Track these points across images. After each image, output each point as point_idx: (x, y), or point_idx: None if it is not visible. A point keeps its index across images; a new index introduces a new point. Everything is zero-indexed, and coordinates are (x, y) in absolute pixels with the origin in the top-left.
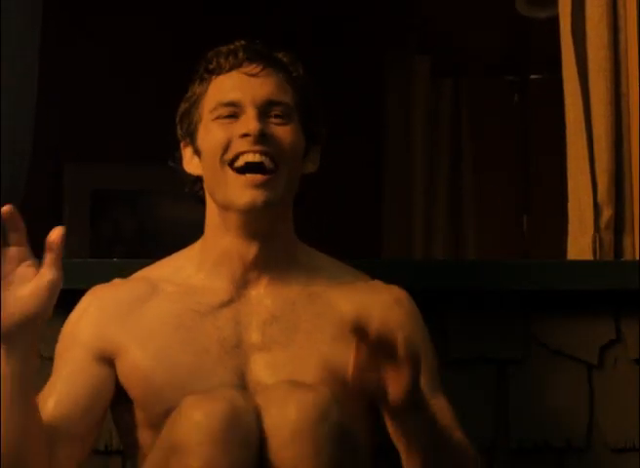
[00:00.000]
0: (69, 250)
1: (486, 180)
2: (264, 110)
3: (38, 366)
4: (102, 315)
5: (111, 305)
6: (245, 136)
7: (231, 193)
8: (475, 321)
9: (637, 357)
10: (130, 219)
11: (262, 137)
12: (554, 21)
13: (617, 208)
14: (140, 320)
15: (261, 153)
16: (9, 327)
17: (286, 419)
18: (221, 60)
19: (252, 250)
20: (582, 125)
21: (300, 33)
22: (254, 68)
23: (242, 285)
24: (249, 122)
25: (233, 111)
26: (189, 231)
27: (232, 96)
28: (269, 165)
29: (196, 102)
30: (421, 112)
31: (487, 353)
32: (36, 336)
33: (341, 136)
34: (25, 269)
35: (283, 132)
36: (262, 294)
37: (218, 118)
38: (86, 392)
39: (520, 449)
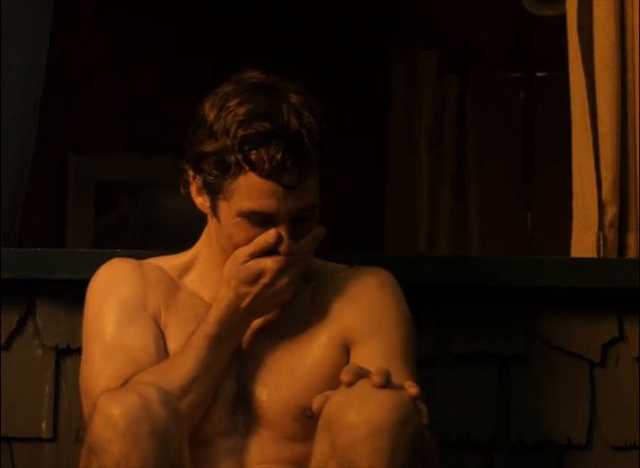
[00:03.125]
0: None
1: (490, 177)
2: (295, 217)
3: None
4: (145, 284)
5: (148, 279)
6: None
7: None
8: (478, 317)
9: (639, 355)
10: (134, 211)
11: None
12: (561, 19)
13: (621, 206)
14: (171, 314)
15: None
16: None
17: (366, 415)
18: (259, 160)
19: None
20: (588, 123)
21: (304, 29)
22: (294, 180)
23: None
24: (282, 241)
25: (265, 220)
26: (193, 222)
27: (267, 209)
28: None
29: (226, 177)
30: (427, 108)
31: (489, 349)
32: None
33: (346, 132)
34: None
35: (307, 230)
36: None
37: (246, 218)
38: (158, 348)
39: (521, 446)
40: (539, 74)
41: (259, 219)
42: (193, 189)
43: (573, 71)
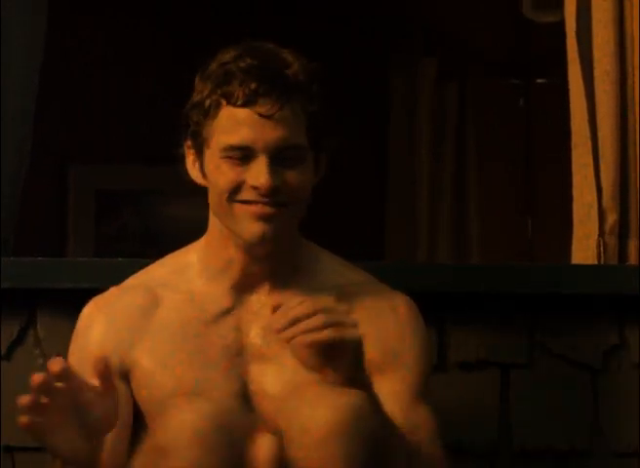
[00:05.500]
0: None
1: (490, 183)
2: (277, 155)
3: None
4: (112, 331)
5: (119, 319)
6: (255, 188)
7: (240, 226)
8: (479, 325)
9: None
10: (134, 219)
11: (273, 190)
12: (560, 25)
13: (621, 213)
14: (149, 332)
15: (270, 204)
16: None
17: (319, 419)
18: (235, 90)
19: (255, 261)
20: (587, 129)
21: (304, 29)
22: (269, 108)
23: (243, 291)
24: (260, 174)
25: (244, 155)
26: (194, 230)
27: (244, 140)
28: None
29: (207, 120)
30: (426, 114)
31: (490, 357)
32: None
33: (346, 138)
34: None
35: (295, 176)
36: (263, 301)
37: (227, 157)
38: (120, 415)
39: (523, 454)
40: (538, 81)
41: (238, 156)
42: (189, 162)
43: (572, 77)
